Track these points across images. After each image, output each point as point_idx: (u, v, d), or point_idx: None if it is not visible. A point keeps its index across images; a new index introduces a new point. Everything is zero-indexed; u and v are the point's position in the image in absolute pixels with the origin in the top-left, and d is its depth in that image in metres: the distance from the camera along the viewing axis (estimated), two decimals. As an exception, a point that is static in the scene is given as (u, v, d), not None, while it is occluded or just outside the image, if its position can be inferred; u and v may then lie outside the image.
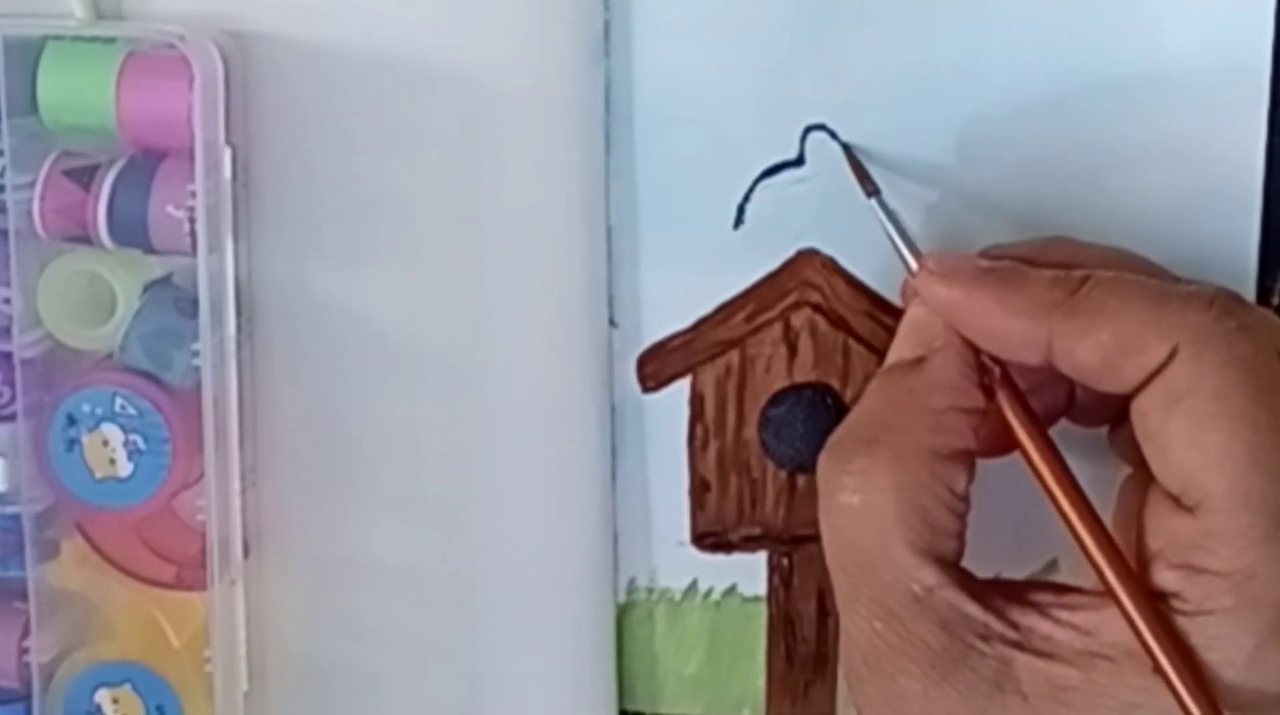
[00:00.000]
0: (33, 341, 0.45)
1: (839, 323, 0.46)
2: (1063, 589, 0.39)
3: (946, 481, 0.39)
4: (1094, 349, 0.38)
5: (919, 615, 0.38)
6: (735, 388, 0.47)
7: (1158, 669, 0.37)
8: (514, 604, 0.47)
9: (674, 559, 0.48)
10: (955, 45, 0.44)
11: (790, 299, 0.46)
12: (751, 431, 0.47)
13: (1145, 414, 0.38)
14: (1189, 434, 0.37)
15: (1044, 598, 0.39)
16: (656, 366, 0.47)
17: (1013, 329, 0.39)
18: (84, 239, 0.45)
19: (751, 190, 0.46)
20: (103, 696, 0.47)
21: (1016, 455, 0.40)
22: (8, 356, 0.45)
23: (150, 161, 0.44)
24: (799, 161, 0.45)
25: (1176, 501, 0.37)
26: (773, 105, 0.45)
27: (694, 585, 0.48)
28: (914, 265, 0.41)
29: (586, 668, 0.48)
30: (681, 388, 0.47)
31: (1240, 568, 0.36)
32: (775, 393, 0.46)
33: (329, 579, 0.48)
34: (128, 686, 0.47)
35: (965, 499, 0.39)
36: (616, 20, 0.45)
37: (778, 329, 0.46)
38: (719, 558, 0.48)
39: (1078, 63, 0.44)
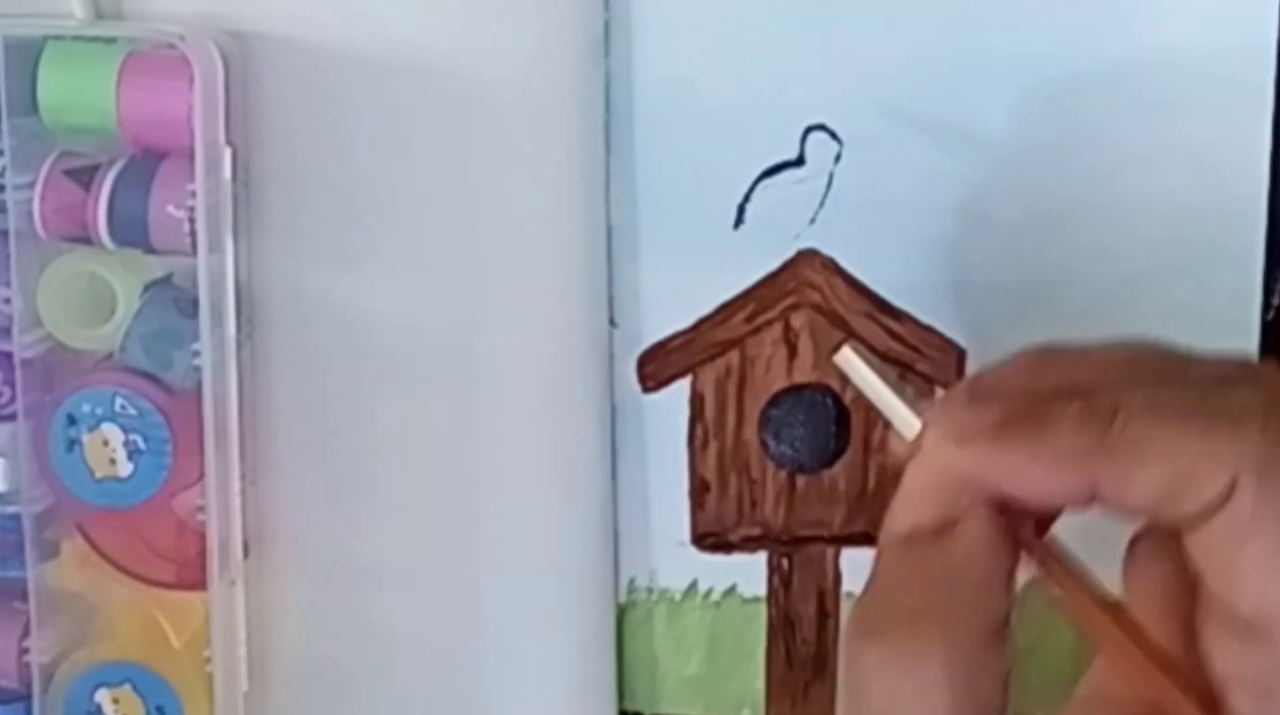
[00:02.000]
0: (33, 341, 0.45)
1: (839, 323, 0.46)
2: None
3: (998, 657, 0.35)
4: (1145, 489, 0.34)
5: None
6: (735, 388, 0.47)
7: None
8: (514, 604, 0.47)
9: (674, 559, 0.48)
10: (955, 45, 0.44)
11: (790, 299, 0.46)
12: (751, 432, 0.47)
13: (1210, 550, 0.35)
14: (1264, 565, 0.34)
15: None
16: (656, 366, 0.47)
17: (1053, 484, 0.35)
18: (84, 239, 0.45)
19: (751, 190, 0.46)
20: (103, 696, 0.47)
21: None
22: (8, 356, 0.45)
23: (150, 161, 0.44)
24: (799, 161, 0.45)
25: (1247, 623, 0.35)
26: (773, 105, 0.45)
27: (694, 586, 0.48)
28: (914, 424, 0.37)
29: (586, 668, 0.48)
30: (681, 388, 0.47)
31: None
32: (775, 393, 0.46)
33: (329, 579, 0.48)
34: (128, 686, 0.47)
35: (1011, 671, 0.36)
36: (616, 20, 0.45)
37: (778, 329, 0.46)
38: (719, 558, 0.48)
39: (1079, 64, 0.44)
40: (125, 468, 0.45)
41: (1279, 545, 0.34)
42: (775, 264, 0.46)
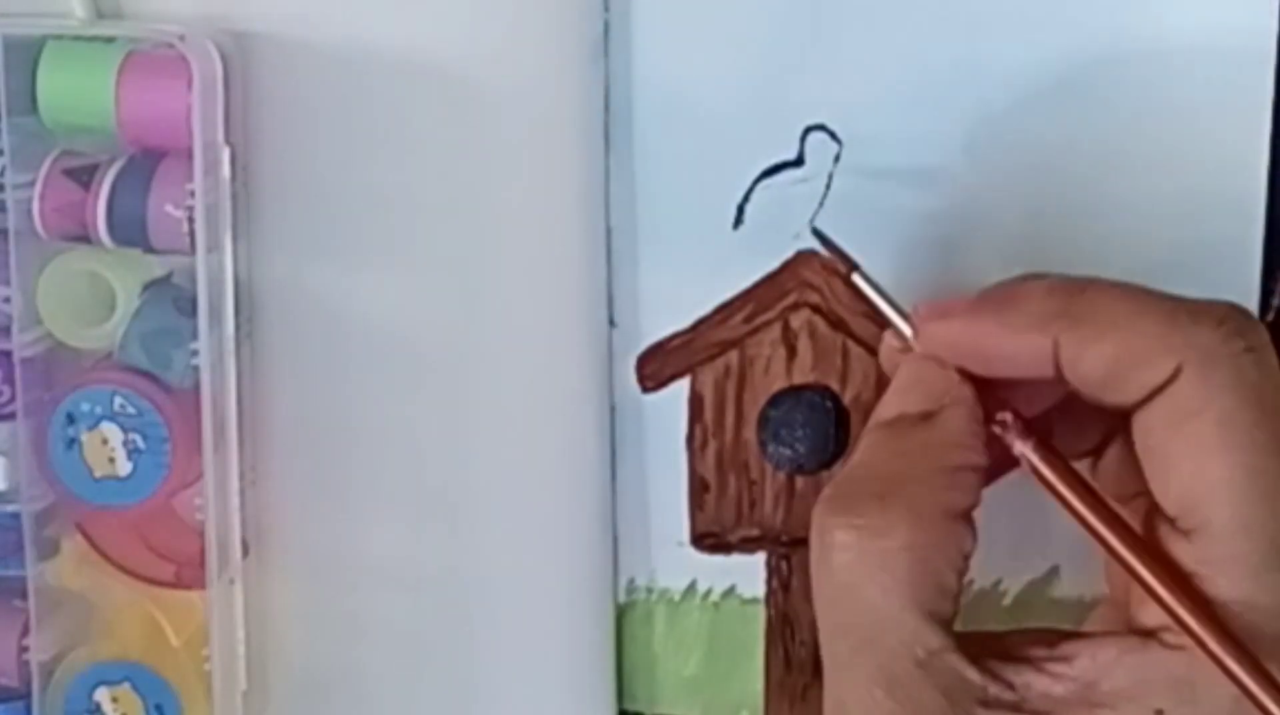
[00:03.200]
0: (32, 341, 0.45)
1: (838, 324, 0.46)
2: (1054, 639, 0.38)
3: (958, 542, 0.37)
4: (1098, 359, 0.37)
5: (921, 681, 0.37)
6: (734, 388, 0.47)
7: (1245, 691, 0.35)
8: (514, 604, 0.47)
9: (673, 559, 0.48)
10: (955, 45, 0.44)
11: (789, 300, 0.46)
12: (750, 432, 0.47)
13: (1148, 431, 0.37)
14: (1191, 458, 0.36)
15: (1038, 652, 0.37)
16: (656, 367, 0.47)
17: (1020, 346, 0.38)
18: (84, 238, 0.45)
19: (751, 190, 0.46)
20: (102, 695, 0.47)
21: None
22: (7, 355, 0.45)
23: (150, 161, 0.44)
24: (799, 161, 0.45)
25: (1173, 524, 0.37)
26: (773, 105, 0.45)
27: (693, 586, 0.48)
28: (905, 329, 0.40)
29: (586, 668, 0.48)
30: (681, 388, 0.47)
31: (1239, 597, 0.36)
32: (774, 394, 0.46)
33: (328, 578, 0.48)
34: (127, 685, 0.47)
35: (968, 559, 0.38)
36: (616, 20, 0.45)
37: (777, 330, 0.46)
38: (718, 558, 0.48)
39: (1079, 63, 0.44)
40: (124, 467, 0.45)
41: (1211, 436, 0.36)
42: (775, 264, 0.46)
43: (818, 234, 0.43)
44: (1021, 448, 0.38)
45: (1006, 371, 0.38)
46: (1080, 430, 0.41)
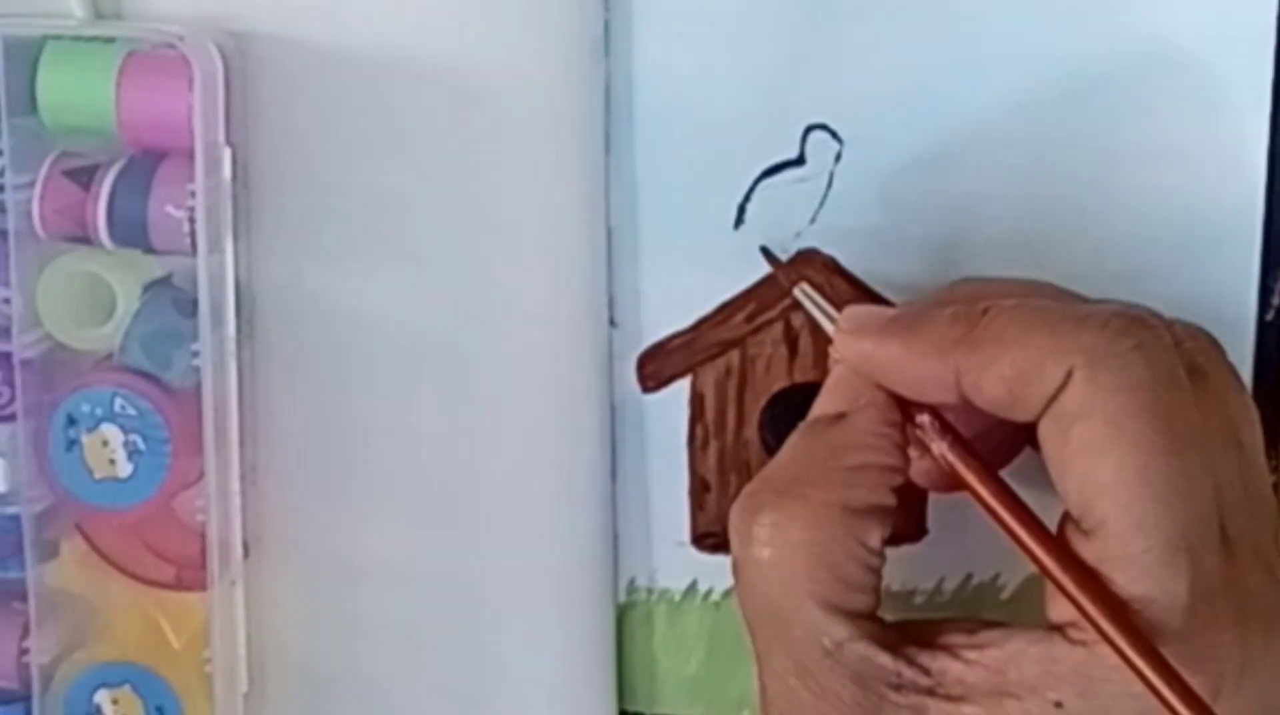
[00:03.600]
0: (32, 342, 0.45)
1: (839, 323, 0.46)
2: (974, 628, 0.38)
3: (859, 536, 0.39)
4: (997, 381, 0.37)
5: (830, 670, 0.38)
6: (735, 388, 0.47)
7: (1149, 685, 0.36)
8: (514, 604, 0.47)
9: (674, 559, 0.48)
10: (955, 46, 0.44)
11: (790, 299, 0.46)
12: (752, 431, 0.47)
13: (1045, 439, 0.37)
14: (1083, 459, 0.36)
15: (956, 639, 0.38)
16: (656, 366, 0.47)
17: (923, 372, 0.39)
18: (84, 239, 0.45)
19: (752, 190, 0.46)
20: (102, 697, 0.47)
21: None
22: (7, 357, 0.45)
23: (150, 161, 0.44)
24: (799, 161, 0.45)
25: (1078, 525, 0.37)
26: (773, 105, 0.45)
27: (694, 586, 0.48)
28: (830, 328, 0.42)
29: (586, 668, 0.48)
30: (681, 388, 0.47)
31: (1136, 594, 0.36)
32: (775, 392, 0.46)
33: (329, 579, 0.48)
34: (127, 687, 0.47)
35: (880, 553, 0.39)
36: (616, 20, 0.45)
37: (778, 329, 0.46)
38: (719, 558, 0.48)
39: (1078, 62, 0.44)
40: (125, 468, 0.45)
41: (1101, 438, 0.36)
42: (775, 264, 0.46)
43: (765, 252, 0.45)
44: (939, 448, 0.39)
45: (913, 395, 0.39)
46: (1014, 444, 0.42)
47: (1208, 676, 0.36)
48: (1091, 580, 0.37)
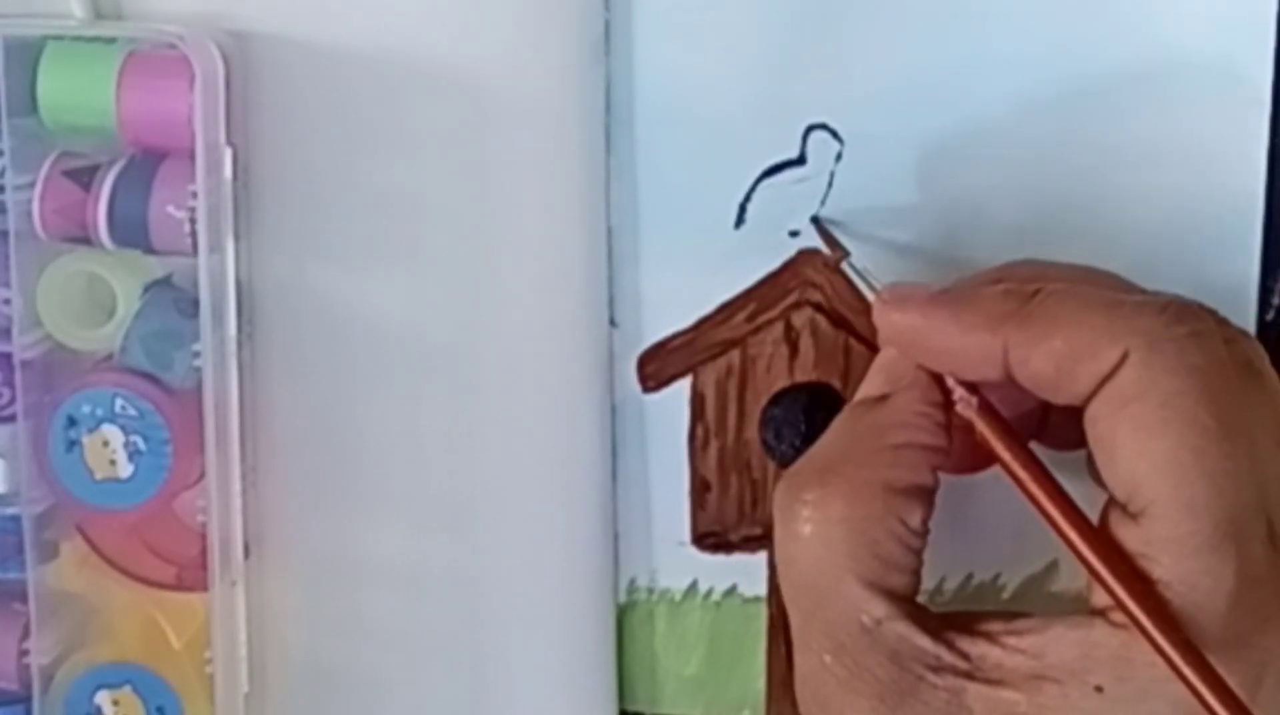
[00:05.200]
0: (32, 342, 0.45)
1: (840, 322, 0.46)
2: (1012, 616, 0.39)
3: (900, 515, 0.39)
4: (1047, 357, 0.37)
5: (868, 647, 0.38)
6: (736, 387, 0.47)
7: (1174, 669, 0.36)
8: (514, 604, 0.47)
9: (674, 559, 0.48)
10: (955, 45, 0.44)
11: (791, 298, 0.46)
12: (752, 431, 0.47)
13: (1095, 420, 0.37)
14: (1136, 439, 0.36)
15: (994, 626, 0.38)
16: (657, 366, 0.47)
17: (969, 344, 0.39)
18: (84, 239, 0.45)
19: (753, 189, 0.46)
20: (103, 698, 0.47)
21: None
22: (8, 357, 0.45)
23: (151, 161, 0.44)
24: (800, 160, 0.45)
25: (1124, 509, 0.37)
26: (773, 105, 0.45)
27: (694, 585, 0.48)
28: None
29: (586, 668, 0.48)
30: (682, 388, 0.47)
31: (1181, 577, 0.36)
32: (776, 392, 0.47)
33: (330, 579, 0.48)
34: (128, 688, 0.47)
35: (921, 534, 0.39)
36: (616, 20, 0.45)
37: (779, 328, 0.46)
38: (719, 558, 0.48)
39: (1079, 62, 0.44)
40: (125, 469, 0.45)
41: (1155, 420, 0.36)
42: (776, 263, 0.46)
43: (816, 222, 0.45)
44: (968, 411, 0.39)
45: (956, 368, 0.39)
46: (1069, 426, 0.41)
47: (1249, 666, 0.36)
48: (1125, 563, 0.37)
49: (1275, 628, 0.36)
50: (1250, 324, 0.45)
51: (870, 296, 0.42)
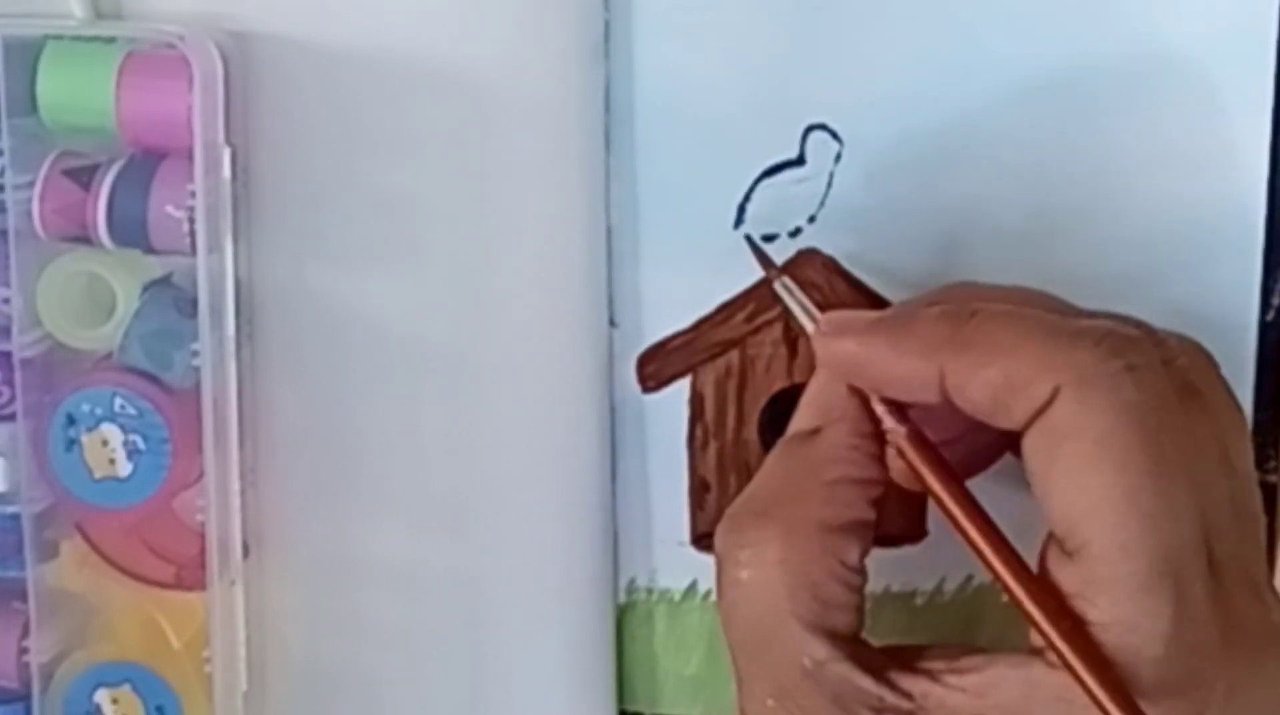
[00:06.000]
0: (32, 341, 0.45)
1: (839, 323, 0.46)
2: (956, 653, 0.38)
3: (838, 554, 0.38)
4: (983, 386, 0.37)
5: (810, 690, 0.38)
6: (735, 388, 0.47)
7: (1103, 711, 0.35)
8: (514, 604, 0.47)
9: (674, 559, 0.48)
10: (955, 45, 0.44)
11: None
12: (752, 432, 0.47)
13: (1031, 454, 0.37)
14: (1069, 478, 0.36)
15: (937, 664, 0.38)
16: (657, 366, 0.47)
17: (908, 370, 0.38)
18: (84, 239, 0.45)
19: (752, 190, 0.46)
20: (102, 697, 0.47)
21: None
22: (7, 356, 0.45)
23: (150, 161, 0.44)
24: (799, 161, 0.45)
25: (1062, 546, 0.37)
26: (773, 105, 0.45)
27: (694, 585, 0.48)
28: (810, 328, 0.41)
29: (586, 668, 0.48)
30: (681, 388, 0.47)
31: (1118, 618, 0.36)
32: (775, 393, 0.46)
33: (329, 579, 0.48)
34: (127, 687, 0.47)
35: (859, 570, 0.39)
36: (616, 20, 0.45)
37: (778, 329, 0.46)
38: (719, 558, 0.48)
39: (1080, 64, 0.44)
40: (125, 468, 0.45)
41: (1089, 459, 0.36)
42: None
43: (749, 240, 0.45)
44: (896, 438, 0.39)
45: (895, 393, 0.39)
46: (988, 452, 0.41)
47: (1191, 703, 0.36)
48: (1052, 598, 0.36)
49: (1215, 667, 0.36)
50: (1251, 326, 0.45)
51: (800, 316, 0.42)
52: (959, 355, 0.37)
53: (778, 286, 0.43)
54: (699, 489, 0.47)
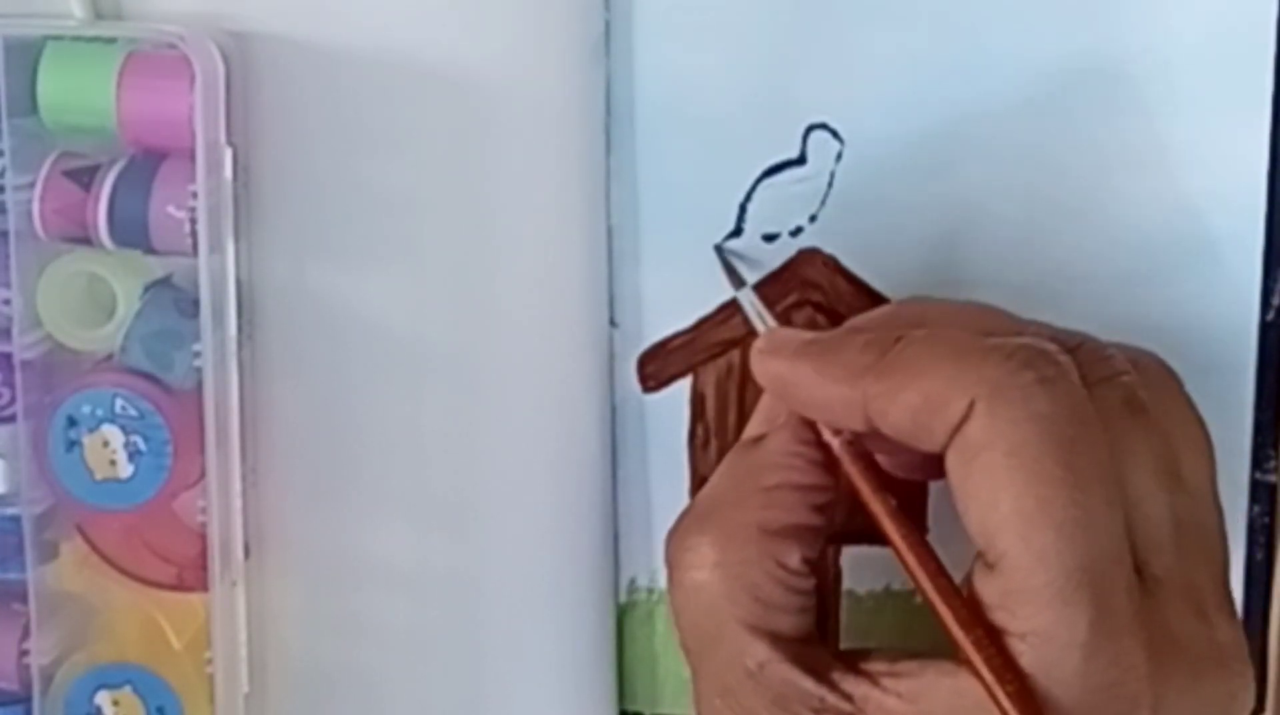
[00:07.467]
0: (32, 342, 0.45)
1: (840, 322, 0.45)
2: (897, 656, 0.38)
3: (777, 557, 0.39)
4: (903, 409, 0.37)
5: (753, 691, 0.39)
6: (736, 387, 0.47)
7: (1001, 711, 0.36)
8: (514, 604, 0.47)
9: (674, 559, 0.48)
10: (955, 45, 0.44)
11: (792, 298, 0.46)
12: (752, 432, 0.47)
13: (951, 471, 0.37)
14: (985, 491, 0.36)
15: (878, 666, 0.38)
16: (657, 366, 0.47)
17: (831, 396, 0.39)
18: (84, 239, 0.44)
19: (753, 190, 0.46)
20: (103, 698, 0.47)
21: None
22: (8, 357, 0.45)
23: (151, 162, 0.44)
24: (800, 161, 0.45)
25: (983, 559, 0.37)
26: (773, 105, 0.45)
27: (694, 585, 0.48)
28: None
29: (586, 668, 0.48)
30: (682, 387, 0.47)
31: (1036, 629, 0.36)
32: (776, 393, 0.46)
33: (330, 580, 0.48)
34: (128, 688, 0.47)
35: (804, 574, 0.39)
36: (616, 20, 0.45)
37: (779, 329, 0.46)
38: (720, 557, 0.48)
39: (1080, 63, 0.44)
40: (125, 469, 0.45)
41: (1002, 471, 0.36)
42: (777, 263, 0.46)
43: (718, 251, 0.45)
44: (837, 445, 0.40)
45: (822, 418, 0.40)
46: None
47: None
48: (966, 608, 0.37)
49: (1140, 681, 0.36)
50: (1252, 325, 0.45)
51: (759, 328, 0.43)
52: (880, 381, 0.38)
53: (739, 297, 0.44)
54: (699, 489, 0.47)
